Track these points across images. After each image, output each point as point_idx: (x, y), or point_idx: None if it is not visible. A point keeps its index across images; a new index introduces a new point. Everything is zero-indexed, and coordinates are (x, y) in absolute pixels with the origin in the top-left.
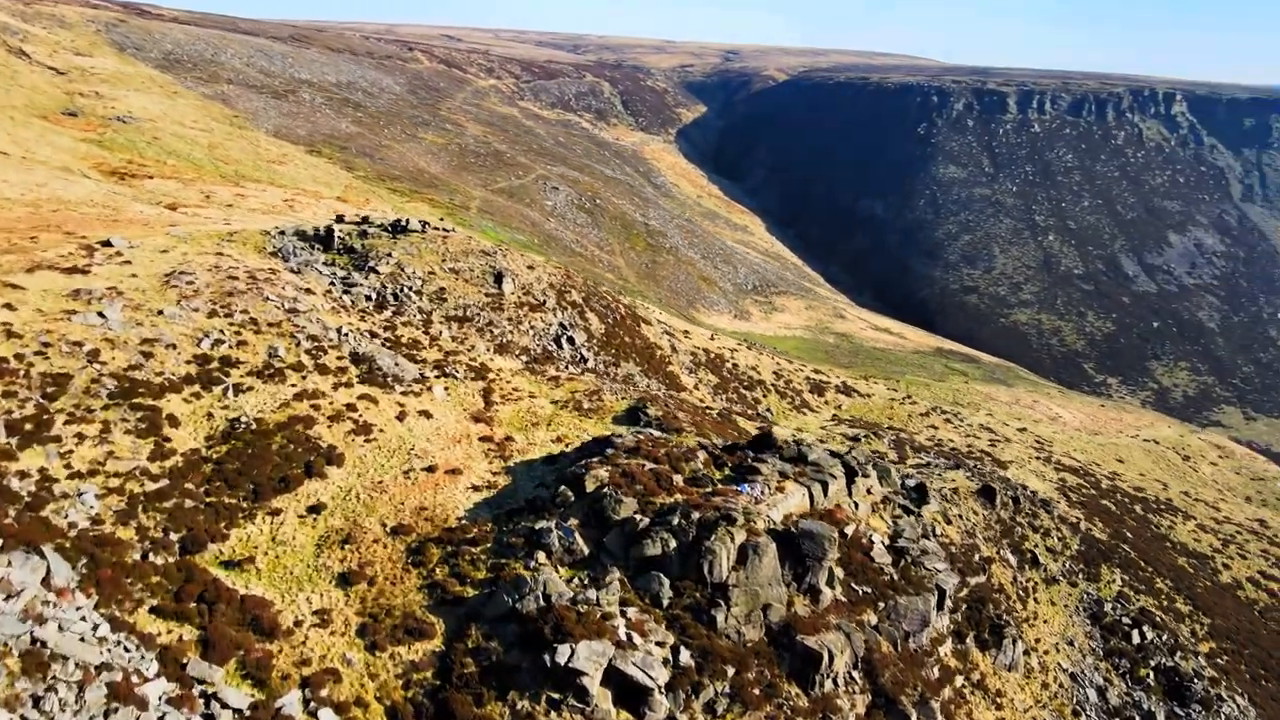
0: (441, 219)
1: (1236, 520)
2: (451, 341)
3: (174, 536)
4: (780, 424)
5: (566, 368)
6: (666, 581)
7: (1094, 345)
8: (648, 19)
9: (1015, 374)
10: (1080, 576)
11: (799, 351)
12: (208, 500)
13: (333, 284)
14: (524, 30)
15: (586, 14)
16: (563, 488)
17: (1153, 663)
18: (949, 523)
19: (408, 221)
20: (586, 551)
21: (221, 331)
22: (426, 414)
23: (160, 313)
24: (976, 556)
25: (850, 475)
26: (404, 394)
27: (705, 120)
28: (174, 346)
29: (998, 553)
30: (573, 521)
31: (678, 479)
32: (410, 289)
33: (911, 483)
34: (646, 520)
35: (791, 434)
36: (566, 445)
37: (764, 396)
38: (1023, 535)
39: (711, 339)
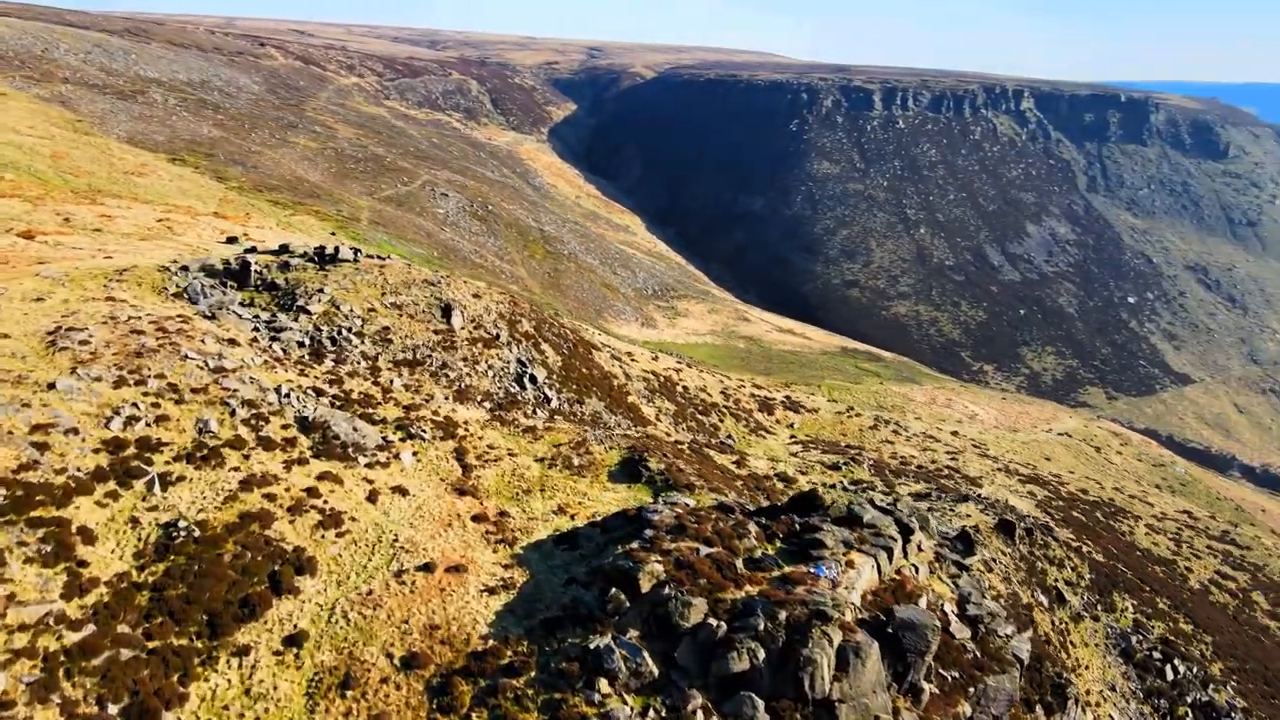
0: (333, 233)
1: (1170, 515)
2: (406, 392)
3: (113, 709)
4: (746, 450)
5: (534, 411)
6: (760, 704)
7: (969, 334)
8: (507, 14)
9: (915, 370)
10: (1099, 608)
11: (715, 359)
12: (150, 646)
13: (257, 330)
14: (376, 25)
15: (430, 6)
16: (613, 590)
17: (1189, 699)
18: (989, 570)
19: (337, 250)
20: (656, 672)
21: (135, 405)
22: (401, 490)
23: (52, 386)
24: (1019, 605)
25: (905, 533)
26: (369, 466)
27: (576, 118)
28: (75, 431)
29: (1033, 596)
30: (632, 633)
31: (738, 563)
32: (349, 330)
33: (952, 531)
34: (723, 626)
35: (838, 488)
36: (572, 516)
37: (720, 421)
38: (1043, 570)
39: (655, 359)
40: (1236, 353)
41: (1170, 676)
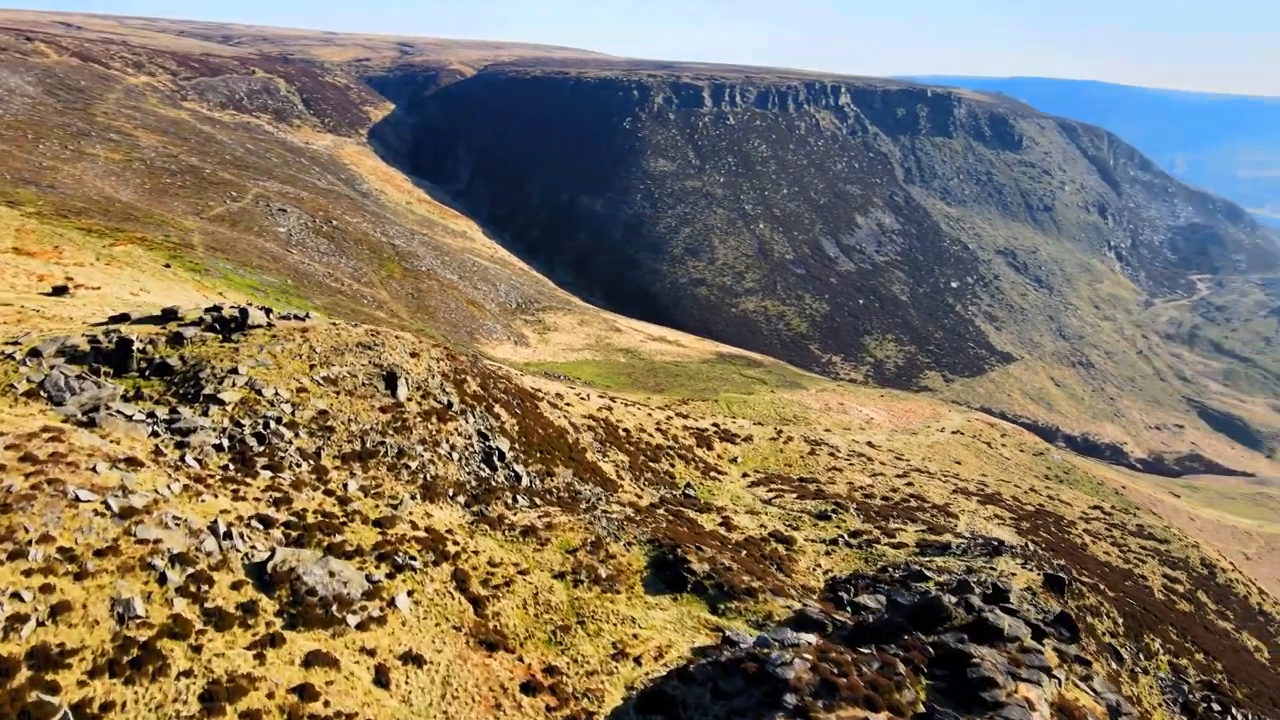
0: (167, 264)
1: (1089, 514)
2: (367, 499)
3: None
4: (711, 499)
5: (515, 500)
6: None
7: (815, 326)
8: (298, 5)
9: (788, 371)
10: (1142, 655)
11: (603, 378)
12: None
13: (158, 437)
14: (155, 18)
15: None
16: None
17: None
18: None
19: (243, 313)
20: None
21: (17, 595)
22: (415, 658)
23: None
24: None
25: (1039, 637)
26: (361, 626)
27: (396, 119)
28: None
29: (1106, 664)
30: None
31: None
32: (278, 422)
33: (1050, 614)
34: None
35: (876, 549)
36: (637, 660)
37: (672, 466)
38: (1089, 625)
39: (585, 399)
40: (1047, 330)
41: None
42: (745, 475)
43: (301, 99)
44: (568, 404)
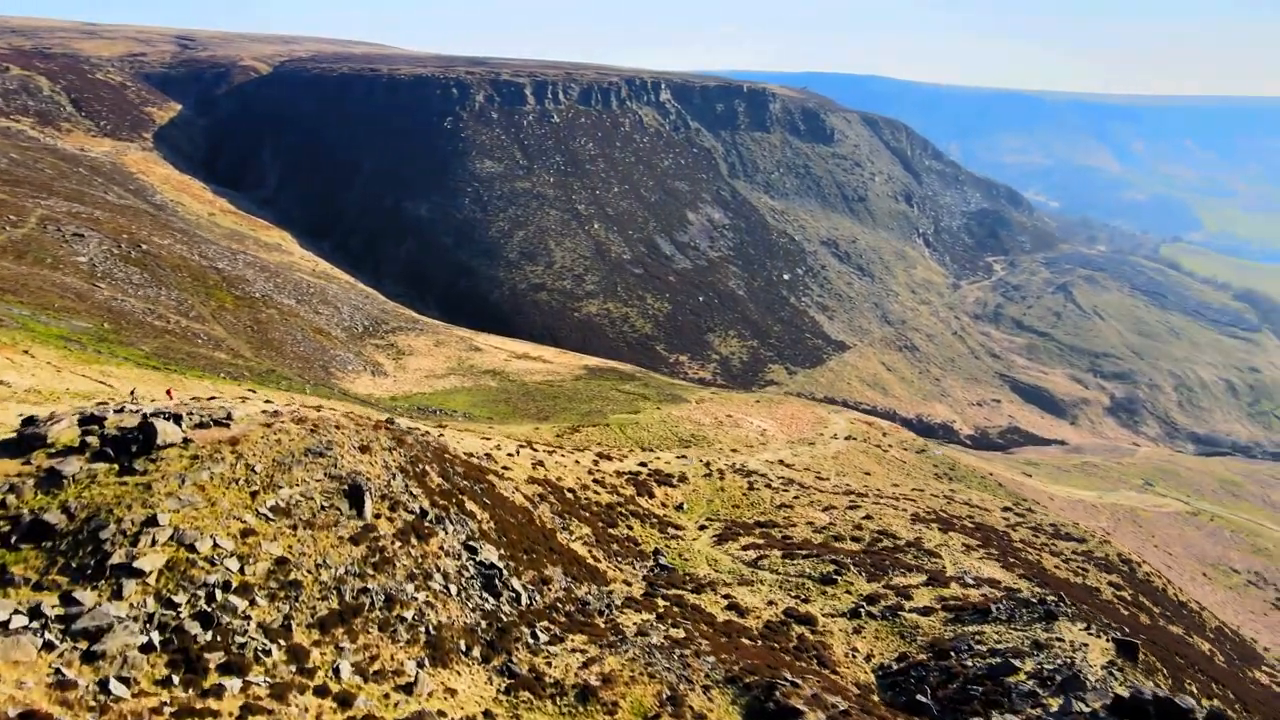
0: None
1: (1009, 520)
2: (370, 684)
3: None
4: (688, 568)
5: (535, 637)
6: None
7: (660, 326)
8: None
9: (658, 381)
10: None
11: (481, 409)
12: None
13: (52, 648)
14: None
15: None
16: None
17: None
18: None
19: (147, 429)
20: None
21: None
22: None
23: None
24: None
25: None
26: None
27: (186, 120)
28: None
29: None
30: None
31: None
32: (226, 589)
33: (1144, 693)
34: None
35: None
36: None
37: (630, 528)
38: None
39: (513, 455)
40: (874, 316)
41: None
42: (702, 527)
43: (70, 99)
44: (505, 467)
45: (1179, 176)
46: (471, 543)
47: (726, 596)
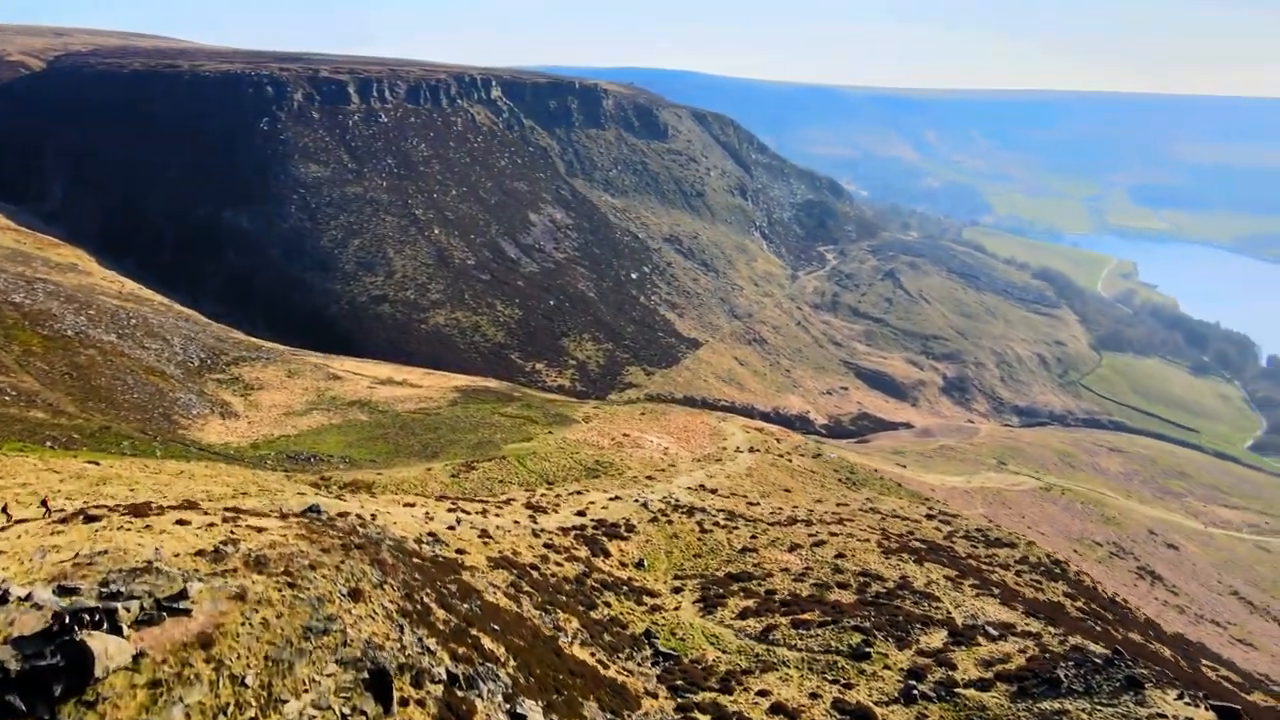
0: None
1: (939, 528)
2: None
3: None
4: (684, 648)
5: None
6: None
7: (512, 334)
8: None
9: (536, 398)
10: None
11: (358, 449)
12: None
13: None
14: None
15: None
16: None
17: None
18: None
19: (77, 653)
20: None
21: None
22: None
23: None
24: None
25: None
26: None
27: None
28: None
29: None
30: None
31: None
32: None
33: None
34: None
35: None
36: None
37: (609, 605)
38: None
39: (452, 529)
40: (722, 311)
41: None
42: (676, 590)
43: None
44: (459, 550)
45: (968, 164)
46: (513, 705)
47: (762, 693)
